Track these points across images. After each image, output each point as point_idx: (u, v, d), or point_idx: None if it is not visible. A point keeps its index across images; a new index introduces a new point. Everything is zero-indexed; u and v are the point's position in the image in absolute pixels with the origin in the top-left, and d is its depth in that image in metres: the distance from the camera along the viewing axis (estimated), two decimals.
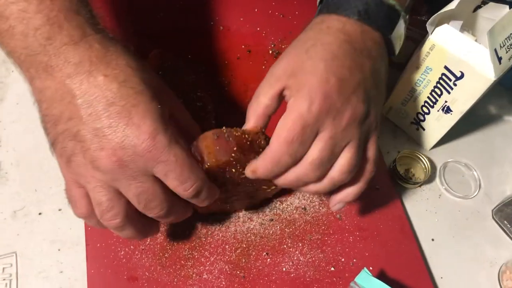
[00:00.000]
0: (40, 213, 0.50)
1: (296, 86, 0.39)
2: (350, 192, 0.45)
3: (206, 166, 0.40)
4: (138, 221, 0.40)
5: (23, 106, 0.56)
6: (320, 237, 0.53)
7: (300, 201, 0.54)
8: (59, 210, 0.51)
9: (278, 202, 0.54)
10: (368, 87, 0.41)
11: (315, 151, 0.40)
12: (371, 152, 0.44)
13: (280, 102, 0.42)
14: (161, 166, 0.36)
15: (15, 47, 0.36)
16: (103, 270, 0.48)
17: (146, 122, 0.36)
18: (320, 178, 0.42)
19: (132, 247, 0.49)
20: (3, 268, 0.47)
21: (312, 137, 0.40)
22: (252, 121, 0.42)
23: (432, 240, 0.55)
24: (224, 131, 0.41)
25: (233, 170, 0.42)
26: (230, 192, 0.46)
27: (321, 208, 0.54)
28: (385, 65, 0.45)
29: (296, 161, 0.40)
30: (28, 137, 0.54)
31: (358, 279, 0.46)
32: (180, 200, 0.40)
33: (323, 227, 0.53)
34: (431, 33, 0.51)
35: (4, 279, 0.47)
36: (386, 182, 0.57)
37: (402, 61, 0.63)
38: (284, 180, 0.42)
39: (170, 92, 0.43)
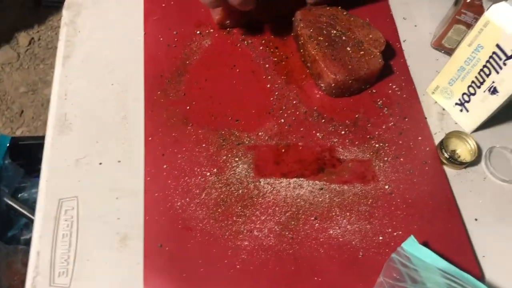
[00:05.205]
0: (100, 163, 0.53)
1: None
2: None
3: None
4: None
5: (88, 64, 0.59)
6: (368, 209, 0.54)
7: (349, 176, 0.56)
8: (118, 161, 0.53)
9: (328, 173, 0.55)
10: None
11: None
12: None
13: None
14: None
15: None
16: (158, 218, 0.50)
17: None
18: None
19: (188, 199, 0.51)
20: (66, 210, 0.50)
21: None
22: None
23: (476, 220, 0.56)
24: None
25: None
26: None
27: (369, 183, 0.56)
28: None
29: None
30: (91, 92, 0.57)
31: (405, 245, 0.47)
32: None
33: (371, 200, 0.54)
34: (487, 10, 0.52)
35: (66, 220, 0.49)
36: (434, 161, 0.58)
37: (453, 46, 0.65)
38: None
39: None
